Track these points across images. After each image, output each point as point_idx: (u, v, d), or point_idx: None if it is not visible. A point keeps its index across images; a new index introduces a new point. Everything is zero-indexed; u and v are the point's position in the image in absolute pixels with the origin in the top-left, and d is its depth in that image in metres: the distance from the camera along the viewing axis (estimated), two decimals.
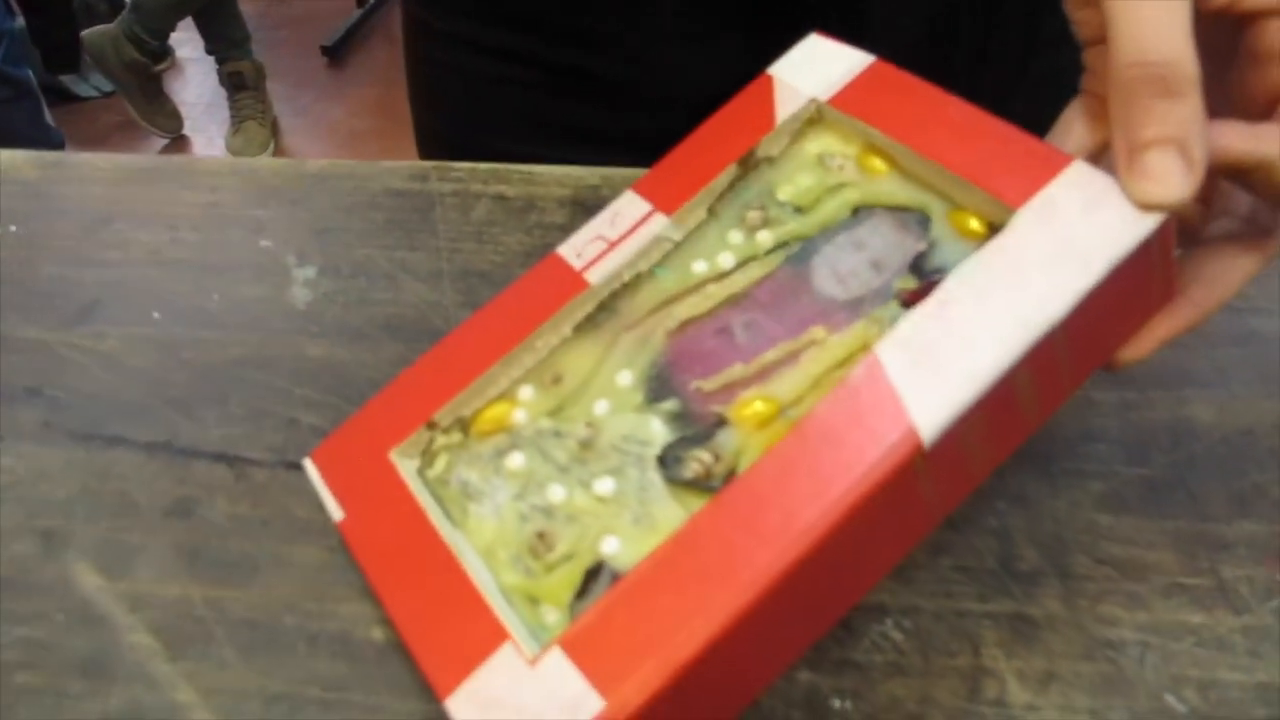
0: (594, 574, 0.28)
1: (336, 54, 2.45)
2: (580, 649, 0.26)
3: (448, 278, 0.44)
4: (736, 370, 0.31)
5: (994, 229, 0.30)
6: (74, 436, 0.39)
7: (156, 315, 0.44)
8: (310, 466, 0.33)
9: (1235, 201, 0.32)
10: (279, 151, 2.23)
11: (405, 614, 0.29)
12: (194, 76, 2.48)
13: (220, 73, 2.23)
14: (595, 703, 0.25)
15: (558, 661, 0.26)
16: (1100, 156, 0.31)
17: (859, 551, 0.27)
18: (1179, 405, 0.39)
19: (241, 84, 2.20)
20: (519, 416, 0.33)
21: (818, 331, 0.31)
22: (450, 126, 0.62)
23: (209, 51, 2.24)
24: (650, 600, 0.26)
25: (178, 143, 2.28)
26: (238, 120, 2.22)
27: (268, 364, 0.41)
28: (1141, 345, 0.30)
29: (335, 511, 0.32)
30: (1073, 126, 0.32)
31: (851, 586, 0.29)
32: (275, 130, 2.26)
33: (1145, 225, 0.27)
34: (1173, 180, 0.26)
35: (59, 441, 0.39)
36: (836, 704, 0.31)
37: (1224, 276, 0.30)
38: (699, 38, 0.53)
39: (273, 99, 2.28)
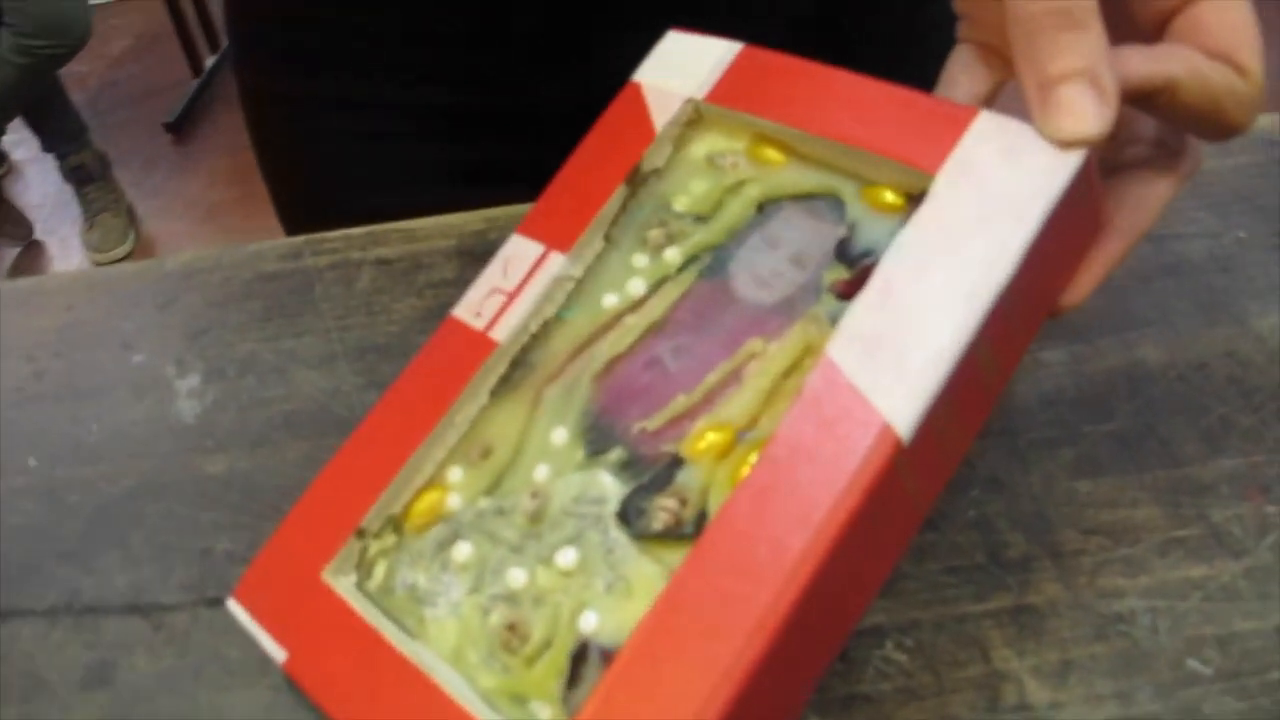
0: (580, 657, 0.26)
1: (180, 128, 2.36)
2: None
3: (343, 359, 0.41)
4: (679, 402, 0.28)
5: (912, 198, 0.28)
6: None
7: (32, 461, 0.39)
8: (236, 607, 0.30)
9: (1141, 126, 0.31)
10: (140, 238, 2.14)
11: None
12: (35, 177, 2.35)
13: (62, 169, 2.13)
14: None
15: None
16: (991, 105, 0.30)
17: (857, 568, 0.25)
18: (1128, 349, 0.38)
19: (87, 177, 2.10)
20: (454, 501, 0.30)
21: (754, 344, 0.28)
22: (312, 193, 0.59)
23: (46, 149, 2.13)
24: (654, 673, 0.23)
25: (31, 249, 2.17)
26: (90, 215, 2.11)
27: (165, 492, 0.38)
28: (1082, 285, 0.29)
29: (276, 652, 0.28)
30: (958, 79, 0.31)
31: (853, 607, 0.27)
32: (132, 217, 2.17)
33: (1070, 164, 0.26)
34: (1089, 113, 0.25)
35: None
36: None
37: (1145, 203, 0.30)
38: (559, 56, 0.51)
39: (123, 185, 2.19)
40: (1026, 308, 0.27)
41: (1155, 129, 0.31)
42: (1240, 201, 0.43)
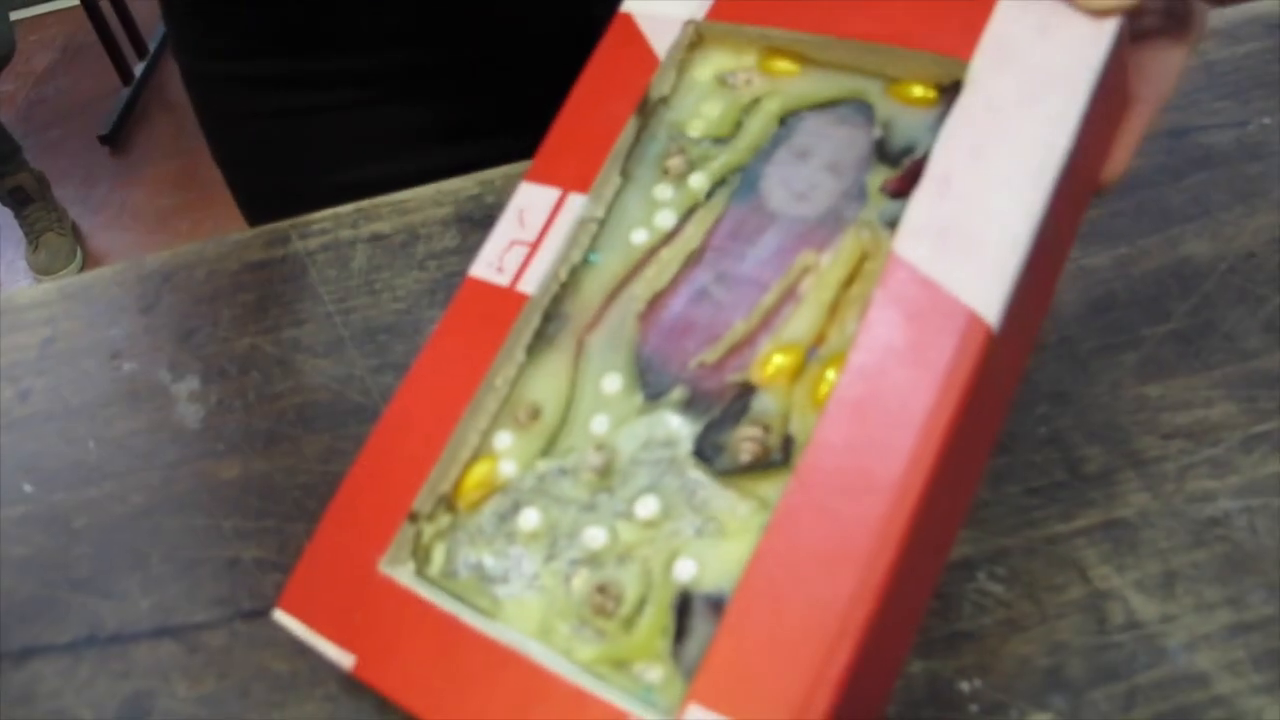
0: (684, 608, 0.24)
1: (116, 139, 2.29)
2: (721, 695, 0.22)
3: (350, 343, 0.39)
4: (737, 329, 0.27)
5: (943, 89, 0.28)
6: None
7: (28, 487, 0.37)
8: (284, 618, 0.28)
9: None
10: (88, 256, 2.08)
11: None
12: None
13: None
14: None
15: (703, 718, 0.21)
16: None
17: (961, 470, 0.24)
18: (1173, 247, 0.36)
19: (25, 198, 2.03)
20: (507, 469, 0.27)
21: (807, 257, 0.27)
22: (273, 175, 0.56)
23: None
24: (778, 611, 0.22)
25: None
26: (34, 236, 2.05)
27: (179, 504, 0.35)
28: (1120, 156, 0.29)
29: (341, 658, 0.26)
30: None
31: (956, 516, 0.26)
32: (77, 235, 2.10)
33: (1107, 32, 0.25)
34: None
35: None
36: (965, 686, 0.27)
37: (1164, 71, 0.30)
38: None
39: (64, 203, 2.12)
40: (1081, 181, 0.27)
41: None
42: (1260, 87, 0.42)
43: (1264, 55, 0.43)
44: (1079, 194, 0.27)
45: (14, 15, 1.98)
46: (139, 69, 2.41)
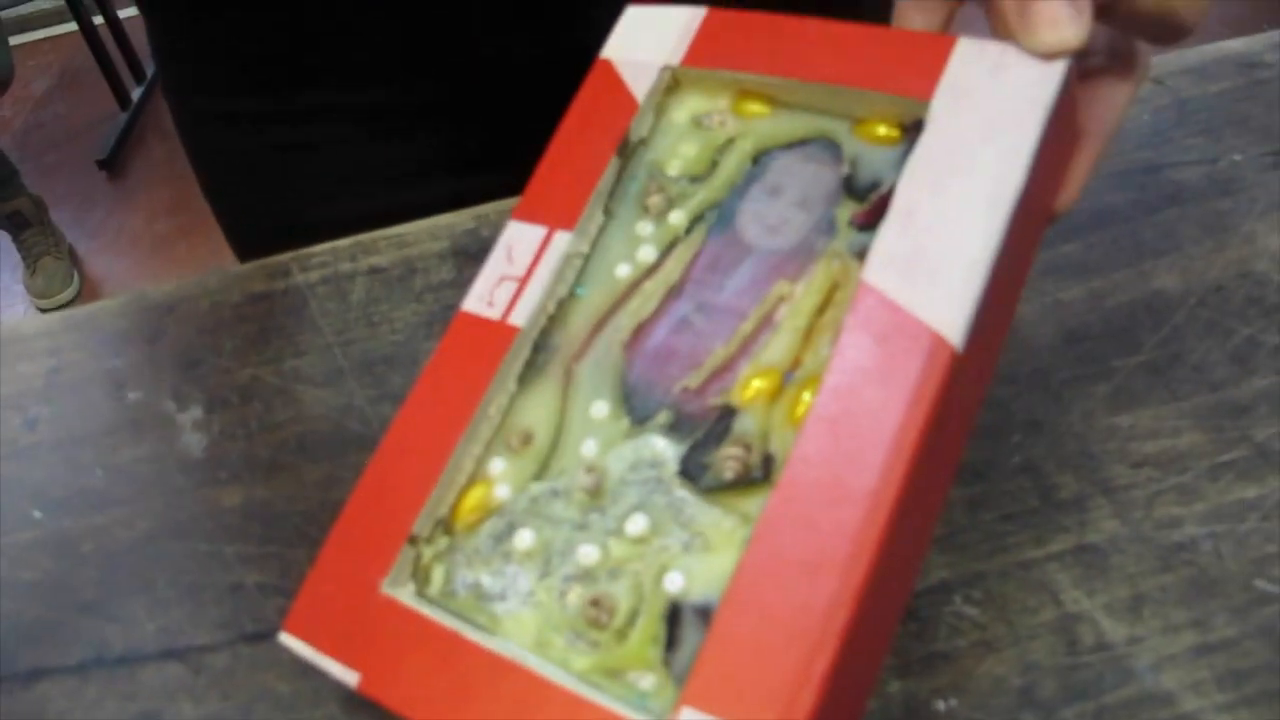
0: (674, 618, 0.25)
1: (113, 164, 2.31)
2: (712, 698, 0.23)
3: (349, 374, 0.40)
4: (717, 354, 0.28)
5: (905, 128, 0.29)
6: None
7: (37, 514, 0.38)
8: (290, 640, 0.29)
9: (1097, 37, 0.32)
10: (84, 280, 2.09)
11: None
12: None
13: None
14: None
15: (695, 719, 0.23)
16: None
17: (930, 483, 0.26)
18: (1145, 280, 0.37)
19: (23, 222, 2.05)
20: (501, 493, 0.29)
21: (782, 286, 0.29)
22: (263, 211, 0.57)
23: None
24: (763, 617, 0.23)
25: None
26: (31, 260, 2.06)
27: (183, 530, 0.36)
28: (1072, 187, 0.31)
29: (346, 676, 0.27)
30: (912, 16, 0.32)
31: (927, 529, 0.28)
32: (75, 259, 2.12)
33: (1056, 72, 0.27)
34: (1068, 22, 0.27)
35: None
36: (941, 705, 0.28)
37: (1110, 107, 0.32)
38: (506, 38, 0.50)
39: (61, 228, 2.13)
40: (1034, 212, 0.28)
41: (1108, 39, 0.32)
42: (1231, 125, 0.43)
43: (1234, 94, 0.45)
44: (1034, 223, 0.29)
45: (12, 40, 2.00)
46: (136, 94, 2.43)
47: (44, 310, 1.99)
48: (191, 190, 0.59)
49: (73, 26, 2.38)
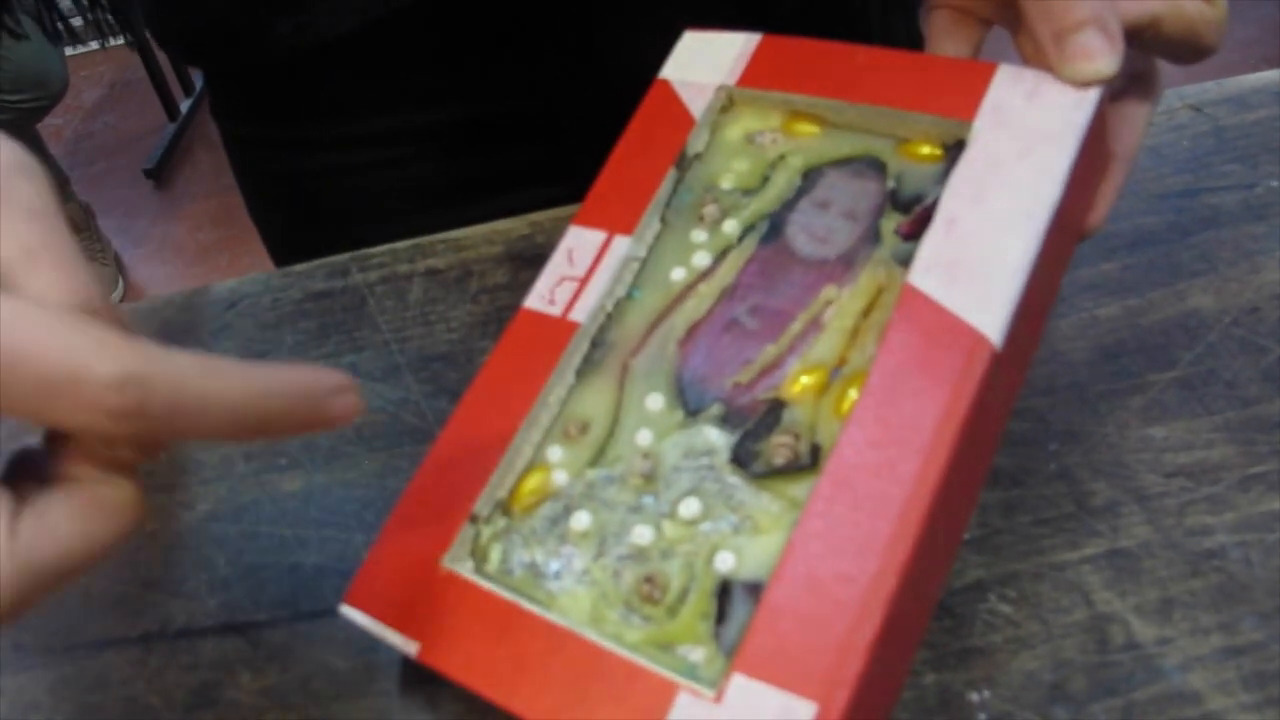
0: (724, 595, 0.27)
1: (160, 174, 2.36)
2: (762, 666, 0.24)
3: (406, 370, 0.41)
4: (768, 352, 0.30)
5: (947, 148, 0.31)
6: (53, 652, 0.35)
7: None
8: (351, 612, 0.30)
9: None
10: (128, 286, 2.13)
11: (548, 714, 0.26)
12: None
13: None
14: (806, 709, 0.23)
15: (745, 686, 0.24)
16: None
17: (967, 474, 0.27)
18: (1181, 300, 0.38)
19: (72, 228, 2.09)
20: (559, 478, 0.30)
21: (829, 290, 0.30)
22: (310, 232, 0.58)
23: None
24: (811, 591, 0.25)
25: None
26: None
27: (243, 513, 0.38)
28: (1101, 207, 0.32)
29: (406, 645, 0.29)
30: (943, 43, 0.34)
31: (962, 517, 0.29)
32: (120, 265, 2.16)
33: (1090, 98, 0.29)
34: (1102, 55, 0.28)
35: (37, 662, 0.35)
36: (975, 697, 0.29)
37: (1134, 128, 0.33)
38: (557, 60, 0.51)
39: (108, 235, 2.18)
40: (1067, 228, 0.30)
41: (1130, 62, 0.33)
42: (1267, 152, 0.44)
43: (1272, 122, 0.46)
44: (1066, 238, 0.31)
45: (66, 52, 2.05)
46: (185, 106, 2.48)
47: None
48: (235, 202, 0.61)
49: (123, 39, 2.44)
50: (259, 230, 0.63)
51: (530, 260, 0.44)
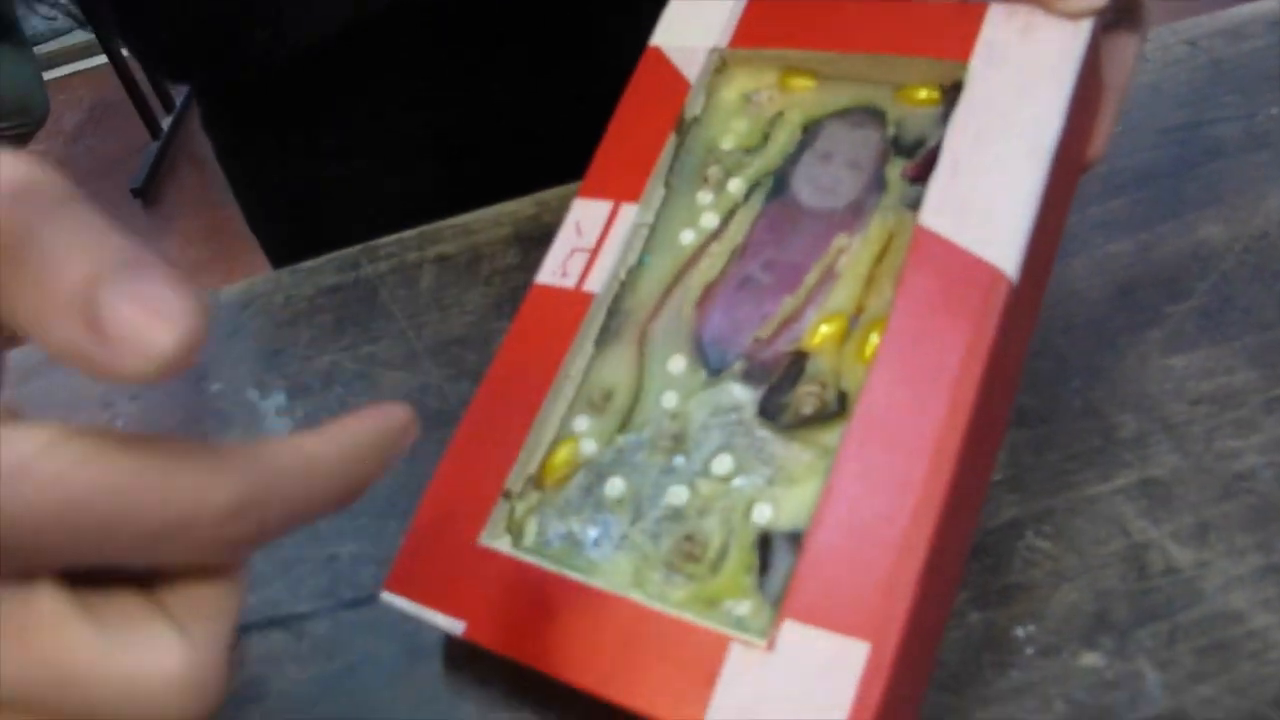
0: (765, 546, 0.27)
1: (148, 192, 2.35)
2: (811, 611, 0.24)
3: (425, 356, 0.41)
4: (786, 305, 0.30)
5: (944, 90, 0.31)
6: None
7: None
8: (392, 598, 0.30)
9: None
10: None
11: (600, 679, 0.26)
12: None
13: None
14: (859, 648, 0.23)
15: (796, 632, 0.24)
16: None
17: (995, 401, 0.27)
18: (1190, 231, 0.39)
19: None
20: (588, 448, 0.30)
21: (841, 239, 0.31)
22: (313, 240, 0.58)
23: None
24: (854, 533, 0.25)
25: None
26: None
27: None
28: (1099, 139, 0.32)
29: (451, 625, 0.29)
30: None
31: (994, 442, 0.29)
32: None
33: (1084, 31, 0.29)
34: None
35: None
36: (1020, 632, 0.29)
37: (1122, 59, 0.33)
38: (550, 60, 0.51)
39: None
40: (1069, 160, 0.30)
41: None
42: (1264, 81, 0.44)
43: (1268, 51, 0.46)
44: (1070, 171, 0.31)
45: (45, 76, 2.04)
46: (167, 123, 2.47)
47: None
48: (225, 216, 0.61)
49: (102, 59, 2.43)
50: (260, 241, 0.63)
51: (539, 239, 0.44)
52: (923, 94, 0.32)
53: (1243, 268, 0.37)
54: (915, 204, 0.29)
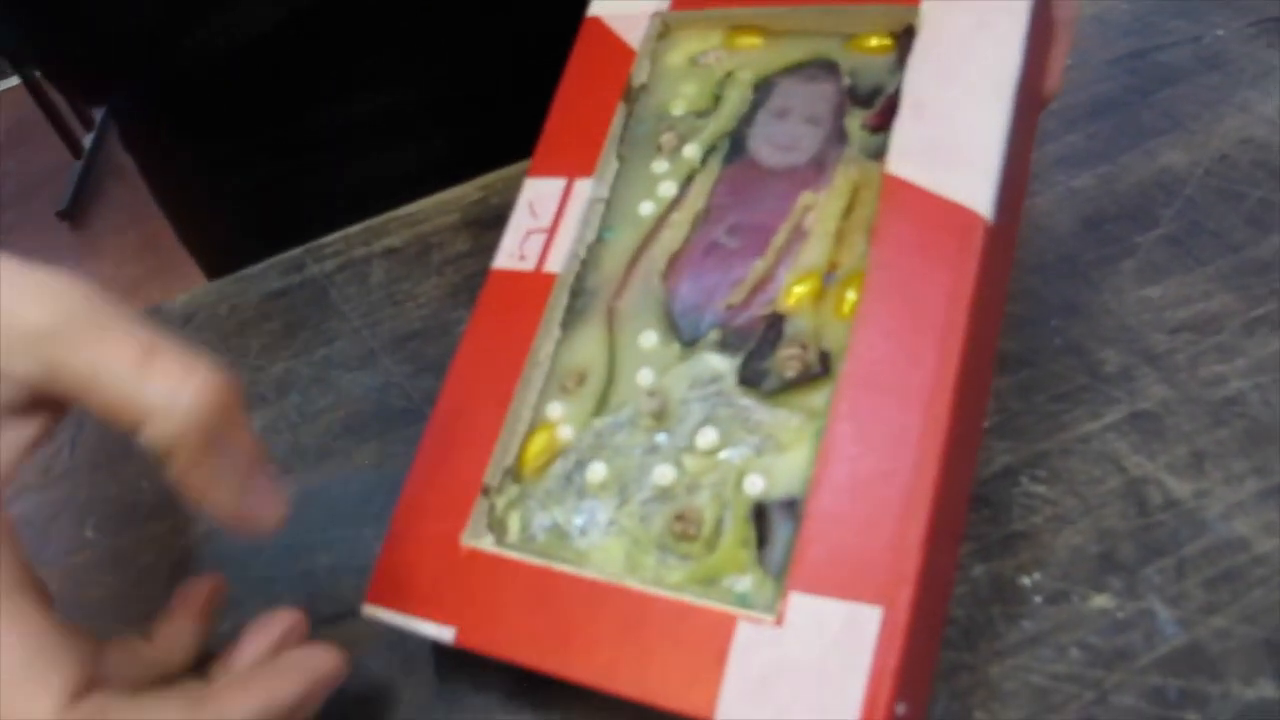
0: (761, 518, 0.26)
1: (74, 214, 2.29)
2: (818, 580, 0.23)
3: (383, 353, 0.40)
4: (756, 268, 0.29)
5: (896, 36, 0.31)
6: None
7: (89, 533, 0.38)
8: (374, 610, 0.29)
9: None
10: None
11: (603, 673, 0.25)
12: None
13: None
14: (872, 613, 0.23)
15: (805, 603, 0.23)
16: None
17: (982, 346, 0.27)
18: (1152, 159, 0.38)
19: None
20: (565, 433, 0.29)
21: (806, 197, 0.30)
22: (248, 247, 0.57)
23: None
24: (854, 496, 0.24)
25: None
26: None
27: None
28: (1054, 73, 0.32)
29: (441, 633, 0.27)
30: None
31: (985, 388, 0.29)
32: None
33: None
34: None
35: None
36: (1026, 581, 0.28)
37: None
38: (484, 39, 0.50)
39: None
40: (1030, 96, 0.30)
41: None
42: (1208, 3, 0.44)
43: None
44: (1031, 107, 0.30)
45: None
46: (88, 141, 2.41)
47: None
48: (155, 230, 0.59)
49: (14, 81, 2.36)
50: (193, 255, 0.60)
51: (489, 223, 0.43)
52: (874, 42, 0.31)
53: (1206, 191, 0.36)
54: (879, 154, 0.29)
